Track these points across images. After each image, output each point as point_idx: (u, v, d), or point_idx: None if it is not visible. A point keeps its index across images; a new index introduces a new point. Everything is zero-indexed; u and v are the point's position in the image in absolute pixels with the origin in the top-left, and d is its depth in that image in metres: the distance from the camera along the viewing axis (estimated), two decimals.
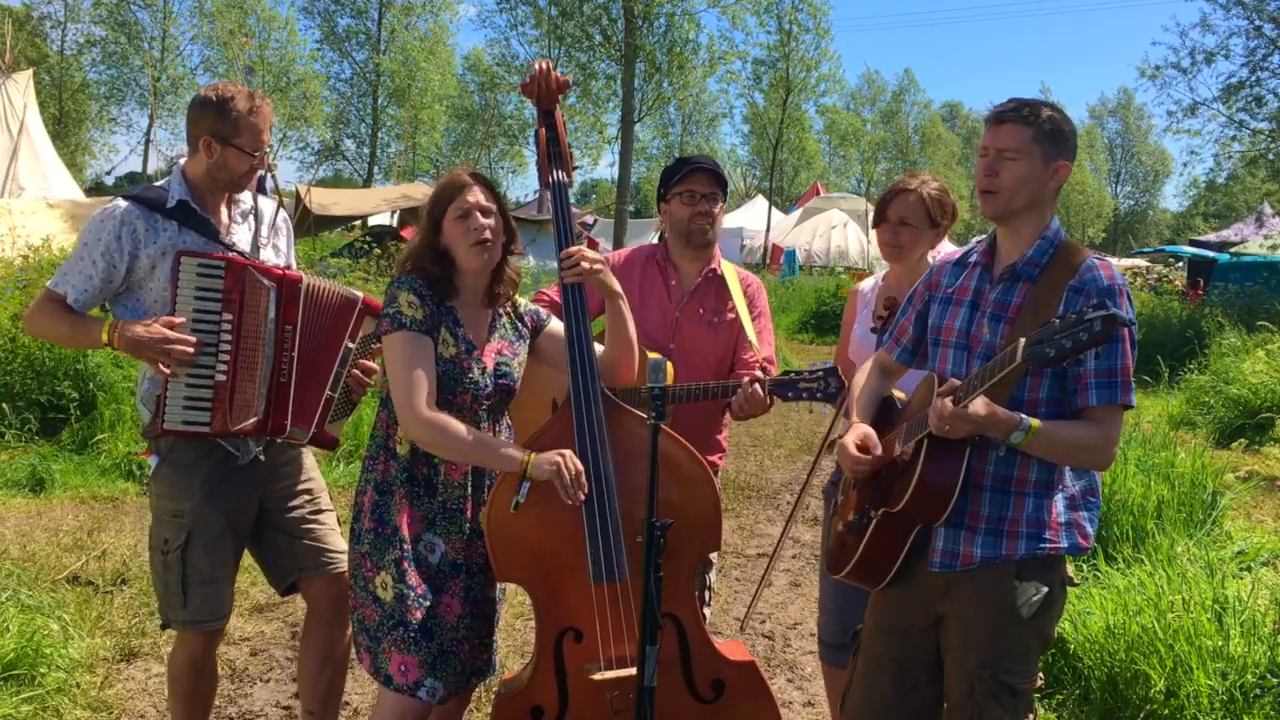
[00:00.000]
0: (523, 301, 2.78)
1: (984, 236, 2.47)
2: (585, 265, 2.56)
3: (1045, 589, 2.26)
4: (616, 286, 2.64)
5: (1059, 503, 2.29)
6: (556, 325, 2.77)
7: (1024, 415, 2.13)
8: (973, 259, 2.44)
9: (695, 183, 3.12)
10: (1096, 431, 2.20)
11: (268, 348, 2.73)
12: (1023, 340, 2.01)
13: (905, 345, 2.59)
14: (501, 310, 2.69)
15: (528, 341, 2.73)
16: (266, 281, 2.73)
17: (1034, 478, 2.27)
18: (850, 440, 2.42)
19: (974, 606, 2.28)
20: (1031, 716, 2.29)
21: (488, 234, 2.53)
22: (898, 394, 2.68)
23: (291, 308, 2.76)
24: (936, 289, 2.51)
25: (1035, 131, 2.24)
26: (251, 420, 2.71)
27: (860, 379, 2.67)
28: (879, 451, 2.39)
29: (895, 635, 2.44)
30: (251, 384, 2.71)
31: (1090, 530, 2.34)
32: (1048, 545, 2.27)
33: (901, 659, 2.42)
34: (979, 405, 2.10)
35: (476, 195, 2.54)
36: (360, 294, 2.94)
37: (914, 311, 2.56)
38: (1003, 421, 2.12)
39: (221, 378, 2.70)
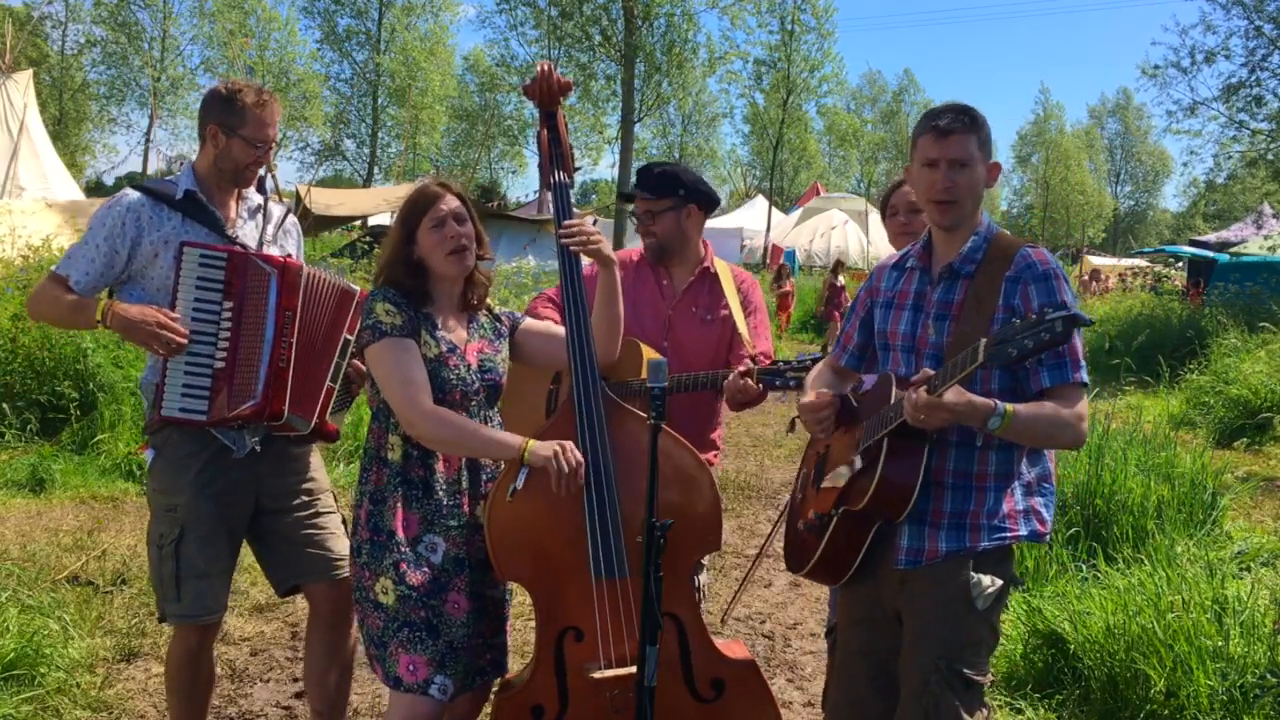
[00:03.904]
0: (496, 305, 2.81)
1: (917, 242, 2.53)
2: (585, 236, 2.58)
3: (1000, 582, 2.30)
4: (612, 256, 2.66)
5: (1016, 491, 2.34)
6: (531, 321, 2.82)
7: (999, 401, 2.15)
8: (909, 263, 2.50)
9: (637, 203, 3.16)
10: (1066, 408, 2.22)
11: (267, 332, 2.73)
12: (984, 340, 2.04)
13: (851, 351, 2.65)
14: (477, 313, 2.72)
15: (507, 340, 2.75)
16: (267, 268, 2.75)
17: (993, 470, 2.32)
18: (807, 399, 2.54)
19: (929, 598, 2.32)
20: (984, 712, 2.30)
21: (464, 240, 2.57)
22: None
23: (291, 295, 2.76)
24: (877, 294, 2.56)
25: (977, 138, 2.33)
26: (249, 405, 2.70)
27: (813, 373, 2.74)
28: (831, 396, 2.50)
29: (865, 627, 2.47)
30: (250, 369, 2.72)
31: (1047, 516, 2.38)
32: (1007, 534, 2.32)
33: (875, 652, 2.45)
34: (954, 395, 2.12)
35: (450, 203, 2.58)
36: (358, 287, 2.96)
37: (857, 319, 2.63)
38: (979, 409, 2.14)
39: (220, 365, 2.71)
